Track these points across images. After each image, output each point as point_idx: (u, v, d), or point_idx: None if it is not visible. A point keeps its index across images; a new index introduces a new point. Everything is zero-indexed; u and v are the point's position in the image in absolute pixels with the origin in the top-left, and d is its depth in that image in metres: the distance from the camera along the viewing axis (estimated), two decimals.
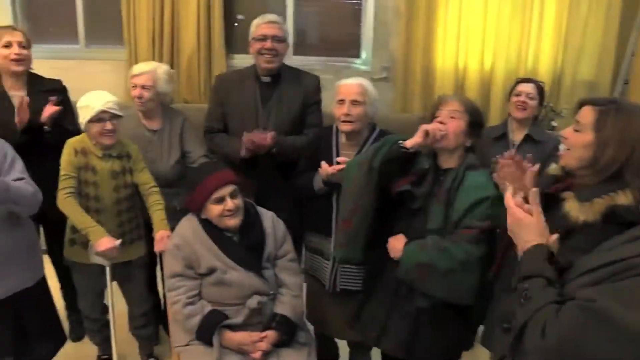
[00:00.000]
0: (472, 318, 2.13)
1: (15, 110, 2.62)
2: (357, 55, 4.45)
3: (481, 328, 2.10)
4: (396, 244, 2.06)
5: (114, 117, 2.44)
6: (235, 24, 4.41)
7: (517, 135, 2.96)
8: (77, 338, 3.14)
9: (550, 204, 1.53)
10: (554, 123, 3.88)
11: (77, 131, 2.57)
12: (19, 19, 4.47)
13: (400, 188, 2.05)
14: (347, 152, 2.46)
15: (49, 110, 2.64)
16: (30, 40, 2.81)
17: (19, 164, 2.26)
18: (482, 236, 1.92)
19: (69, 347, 2.64)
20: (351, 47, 4.48)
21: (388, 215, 2.13)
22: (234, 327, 2.18)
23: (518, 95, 2.95)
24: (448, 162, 2.06)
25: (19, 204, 2.17)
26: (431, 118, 2.09)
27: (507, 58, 4.04)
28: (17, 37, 2.73)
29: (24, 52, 2.75)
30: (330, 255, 2.45)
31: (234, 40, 4.31)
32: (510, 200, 1.44)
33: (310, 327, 2.58)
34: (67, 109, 2.80)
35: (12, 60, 2.72)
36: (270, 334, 2.19)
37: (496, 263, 1.84)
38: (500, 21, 3.97)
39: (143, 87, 2.73)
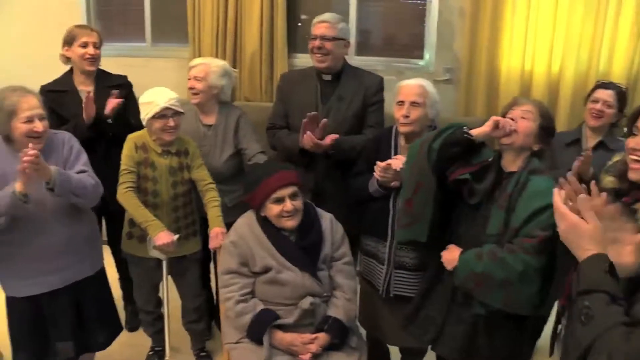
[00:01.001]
0: (531, 329, 2.04)
1: (83, 106, 2.72)
2: (421, 56, 4.37)
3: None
4: (450, 255, 2.02)
5: (176, 113, 2.48)
6: (299, 24, 4.43)
7: (590, 142, 2.79)
8: (132, 328, 3.22)
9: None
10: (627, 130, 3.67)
11: (139, 126, 2.63)
12: (92, 18, 4.66)
13: (458, 176, 2.00)
14: (407, 154, 2.40)
15: (112, 103, 2.74)
16: (101, 41, 2.93)
17: (83, 157, 2.35)
18: (543, 246, 1.83)
19: (124, 336, 2.69)
20: (415, 48, 4.40)
21: (448, 209, 2.08)
22: (284, 328, 2.16)
23: (595, 102, 2.76)
24: (512, 164, 1.99)
25: (80, 196, 2.24)
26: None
27: (578, 60, 3.84)
28: (93, 38, 2.87)
29: (98, 52, 2.88)
30: (385, 259, 2.41)
31: (297, 39, 4.32)
32: (562, 204, 1.35)
33: (363, 332, 2.54)
34: (131, 104, 2.88)
35: (86, 59, 2.85)
36: (321, 337, 2.16)
37: (564, 294, 1.75)
38: (571, 21, 3.78)
39: (195, 78, 2.76)
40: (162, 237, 2.42)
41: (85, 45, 2.85)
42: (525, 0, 3.83)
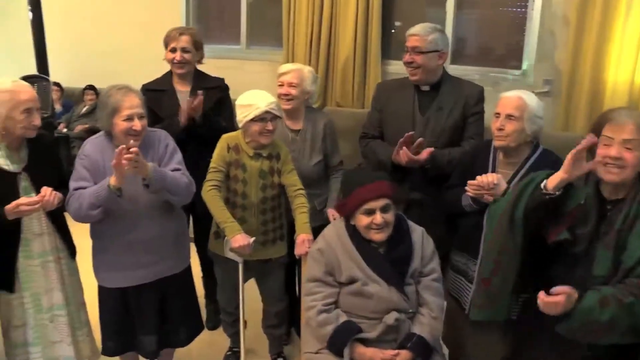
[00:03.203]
0: None
1: (180, 110, 2.78)
2: (518, 67, 4.18)
3: None
4: (552, 299, 1.67)
5: (274, 117, 2.47)
6: (392, 30, 4.37)
7: None
8: (212, 327, 3.24)
9: None
10: None
11: (231, 128, 2.65)
12: (191, 21, 4.83)
13: (557, 237, 1.80)
14: (504, 170, 2.29)
15: (196, 104, 2.77)
16: (198, 42, 2.96)
17: (178, 156, 2.40)
18: None
19: (204, 334, 2.71)
20: (511, 58, 4.23)
21: (543, 258, 1.88)
22: (366, 342, 2.09)
23: None
24: (615, 192, 1.77)
25: (173, 194, 2.29)
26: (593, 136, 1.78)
27: None
28: (181, 43, 2.92)
29: (185, 56, 2.92)
30: (474, 278, 2.30)
31: (391, 46, 4.27)
32: None
33: (446, 351, 2.44)
34: (225, 106, 2.91)
35: (175, 64, 2.93)
36: (404, 354, 2.07)
37: None
38: None
39: (290, 84, 2.75)
40: (239, 239, 2.40)
41: (174, 50, 2.92)
42: None
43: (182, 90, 2.97)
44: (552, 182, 1.75)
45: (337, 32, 4.15)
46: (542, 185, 1.77)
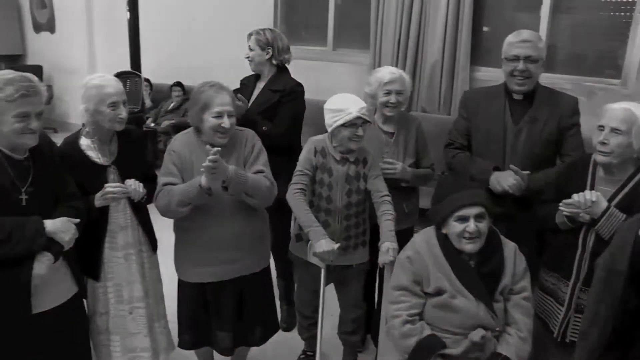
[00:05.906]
0: None
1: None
2: (615, 75, 3.95)
3: None
4: None
5: (364, 122, 2.43)
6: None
7: None
8: (287, 328, 3.24)
9: None
10: None
11: (275, 135, 2.72)
12: (278, 23, 4.91)
13: None
14: (604, 187, 2.15)
15: None
16: (262, 41, 2.99)
17: (263, 157, 2.41)
18: None
19: (278, 335, 2.71)
20: (607, 66, 4.00)
21: None
22: (448, 357, 2.02)
23: None
24: None
25: (253, 197, 2.30)
26: None
27: None
28: (249, 42, 3.01)
29: (250, 54, 3.02)
30: (565, 300, 2.20)
31: (479, 52, 4.13)
32: None
33: None
34: (278, 114, 2.93)
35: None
36: None
37: None
38: None
39: (398, 92, 2.69)
40: (323, 244, 2.36)
41: None
42: None
43: (260, 87, 3.05)
44: None
45: (426, 35, 4.07)
46: None
